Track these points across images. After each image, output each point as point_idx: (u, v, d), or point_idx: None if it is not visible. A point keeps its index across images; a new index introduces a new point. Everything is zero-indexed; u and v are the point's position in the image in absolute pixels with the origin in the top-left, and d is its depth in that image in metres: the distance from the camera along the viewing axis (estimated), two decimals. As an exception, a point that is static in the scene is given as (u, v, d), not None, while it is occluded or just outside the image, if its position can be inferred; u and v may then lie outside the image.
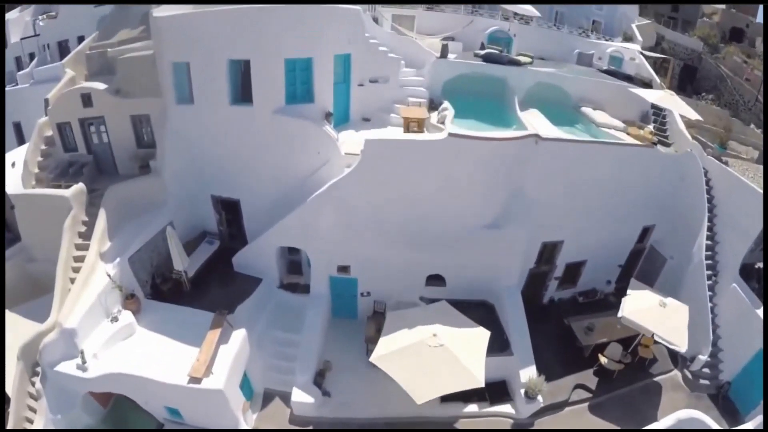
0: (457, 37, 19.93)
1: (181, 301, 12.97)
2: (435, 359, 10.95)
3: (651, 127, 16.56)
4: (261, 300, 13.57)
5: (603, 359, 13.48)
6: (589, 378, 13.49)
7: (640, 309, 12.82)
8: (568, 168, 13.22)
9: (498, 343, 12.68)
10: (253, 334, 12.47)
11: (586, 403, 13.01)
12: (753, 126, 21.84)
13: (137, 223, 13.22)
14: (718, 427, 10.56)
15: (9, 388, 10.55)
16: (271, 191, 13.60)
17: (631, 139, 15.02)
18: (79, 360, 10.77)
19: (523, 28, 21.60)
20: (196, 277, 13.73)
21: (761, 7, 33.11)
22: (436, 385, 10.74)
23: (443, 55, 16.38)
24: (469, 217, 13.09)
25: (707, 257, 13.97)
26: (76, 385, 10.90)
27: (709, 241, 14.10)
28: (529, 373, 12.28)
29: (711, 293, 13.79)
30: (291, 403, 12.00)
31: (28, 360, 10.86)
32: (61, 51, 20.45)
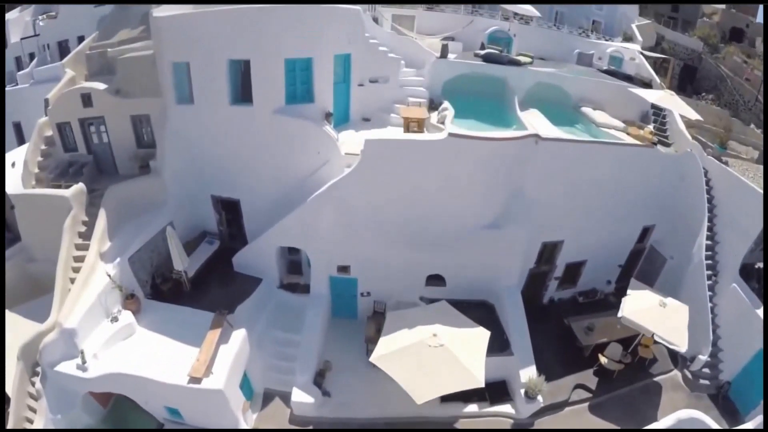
0: (457, 37, 19.91)
1: (181, 301, 12.98)
2: (435, 359, 10.95)
3: (651, 127, 16.55)
4: (261, 300, 13.57)
5: (603, 359, 13.48)
6: (589, 378, 13.50)
7: (640, 309, 12.82)
8: (568, 168, 13.22)
9: (498, 343, 12.68)
10: (253, 334, 12.48)
11: (586, 403, 13.01)
12: (753, 126, 21.83)
13: (137, 223, 13.22)
14: (718, 427, 10.57)
15: (9, 388, 10.55)
16: (271, 191, 13.60)
17: (631, 139, 15.02)
18: (79, 360, 10.79)
19: (523, 28, 21.58)
20: (196, 277, 13.73)
21: (761, 7, 33.13)
22: (436, 385, 10.74)
23: (443, 55, 16.37)
24: (469, 217, 13.09)
25: (707, 257, 13.97)
26: (76, 385, 10.91)
27: (709, 241, 14.10)
28: (529, 373, 12.28)
29: (711, 293, 13.79)
30: (291, 403, 12.01)
31: (28, 360, 10.87)
32: (61, 51, 20.46)
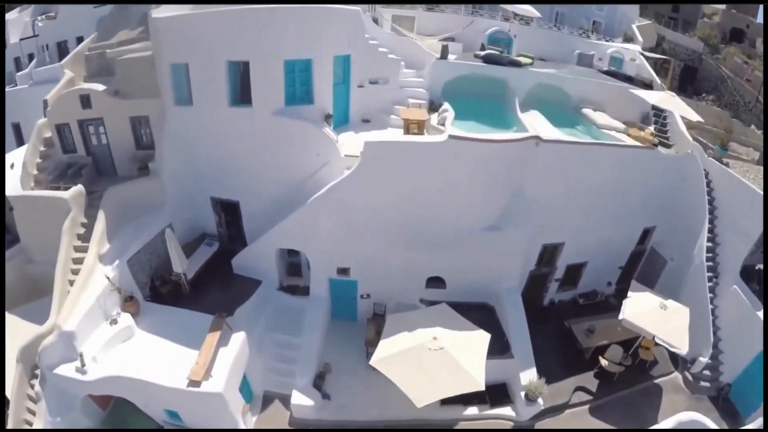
0: (457, 37, 19.83)
1: (180, 303, 12.94)
2: (435, 362, 10.92)
3: (652, 128, 16.51)
4: (260, 302, 13.53)
5: (603, 361, 13.45)
6: (589, 380, 13.46)
7: (641, 311, 12.79)
8: (569, 170, 13.18)
9: (498, 346, 12.65)
10: (253, 336, 12.45)
11: (587, 406, 12.97)
12: (753, 127, 21.76)
13: (136, 225, 13.18)
14: (718, 428, 10.55)
15: (8, 390, 10.51)
16: (270, 193, 13.56)
17: (632, 141, 14.98)
18: (78, 363, 10.74)
19: (523, 28, 21.51)
20: (196, 279, 13.69)
21: (761, 8, 33.08)
22: (436, 388, 10.71)
23: (443, 56, 16.32)
24: (470, 219, 13.05)
25: (708, 259, 13.94)
26: (76, 388, 10.88)
27: (709, 243, 14.07)
28: (529, 376, 12.26)
29: (712, 295, 13.76)
30: (291, 405, 11.98)
31: (27, 362, 10.83)
32: (60, 52, 20.43)
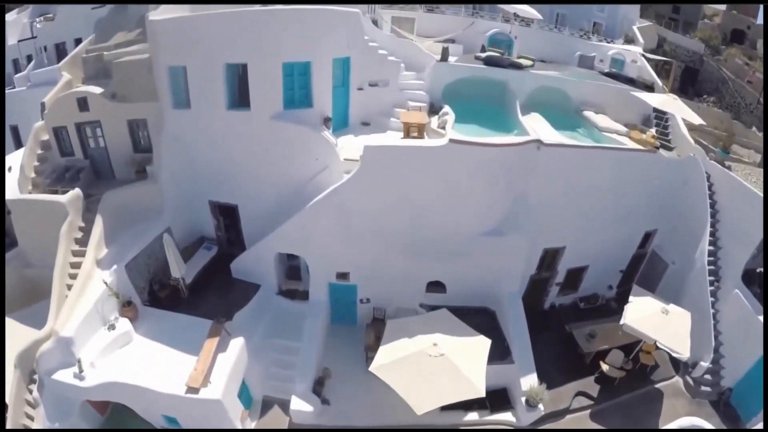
0: (457, 39, 19.72)
1: (178, 308, 12.87)
2: (435, 369, 10.85)
3: (653, 130, 16.42)
4: (259, 307, 13.46)
5: (604, 366, 13.38)
6: (590, 385, 13.38)
7: (643, 316, 12.70)
8: (571, 173, 13.09)
9: (499, 351, 12.57)
10: (252, 341, 12.39)
11: (588, 411, 12.89)
12: (755, 129, 21.69)
13: (134, 229, 13.11)
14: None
15: (7, 395, 10.44)
16: (269, 197, 13.47)
17: (634, 144, 14.87)
18: (76, 368, 10.68)
19: (524, 30, 21.38)
20: (194, 283, 13.61)
21: (762, 8, 32.99)
22: (437, 395, 10.64)
23: (444, 58, 16.21)
24: (470, 223, 12.95)
25: (709, 263, 13.84)
26: (74, 394, 10.83)
27: (711, 247, 13.97)
28: (530, 381, 12.17)
29: (713, 299, 13.67)
30: (290, 411, 11.86)
31: (25, 368, 10.79)
32: (59, 53, 20.38)
